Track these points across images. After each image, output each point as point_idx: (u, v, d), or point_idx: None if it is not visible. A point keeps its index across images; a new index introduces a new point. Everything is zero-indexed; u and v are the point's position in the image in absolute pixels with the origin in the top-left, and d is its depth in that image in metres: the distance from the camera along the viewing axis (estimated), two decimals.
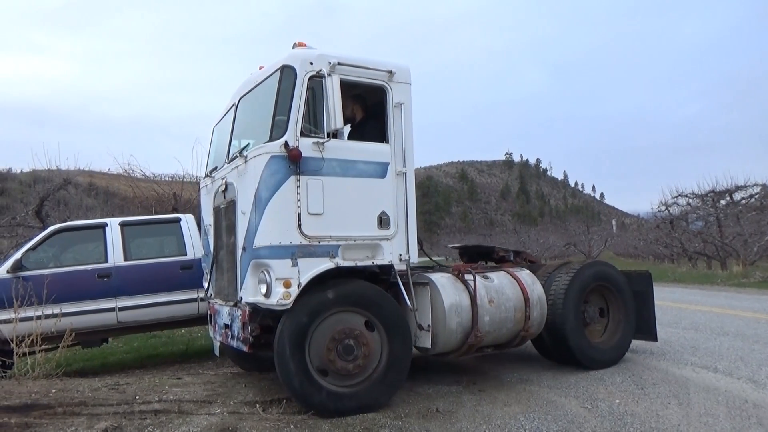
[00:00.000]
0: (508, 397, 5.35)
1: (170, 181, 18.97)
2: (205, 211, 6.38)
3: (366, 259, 5.12)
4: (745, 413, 4.58)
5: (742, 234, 23.66)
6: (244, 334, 5.07)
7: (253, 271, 4.93)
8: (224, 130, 6.17)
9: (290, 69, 4.96)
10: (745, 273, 19.90)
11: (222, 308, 5.73)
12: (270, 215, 4.76)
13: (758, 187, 27.12)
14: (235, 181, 5.28)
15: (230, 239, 5.40)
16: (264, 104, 5.26)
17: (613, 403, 5.03)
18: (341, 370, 4.92)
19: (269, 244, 4.75)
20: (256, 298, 4.89)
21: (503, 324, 5.74)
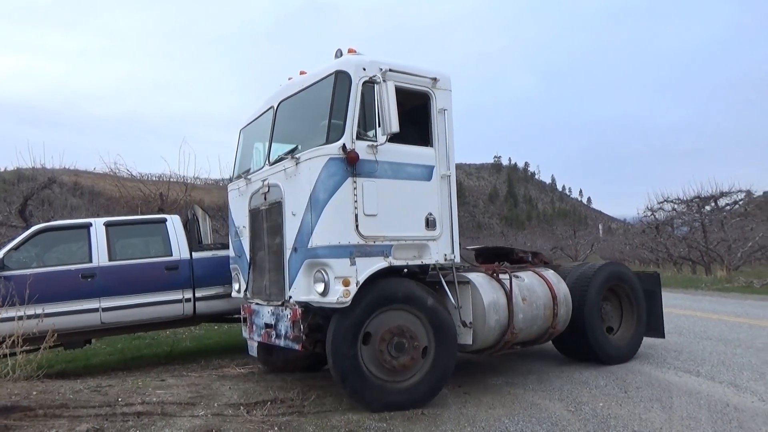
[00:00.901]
0: (493, 400, 5.36)
1: (157, 181, 18.84)
2: (236, 214, 6.46)
3: (414, 259, 5.30)
4: (726, 417, 4.63)
5: (726, 240, 23.93)
6: (295, 332, 5.21)
7: (307, 271, 5.07)
8: (257, 134, 6.38)
9: (345, 74, 5.13)
10: (729, 278, 20.13)
11: (262, 308, 5.80)
12: (328, 216, 4.91)
13: (742, 194, 27.49)
14: (281, 183, 5.43)
15: (274, 240, 5.54)
16: (313, 108, 5.51)
17: (596, 406, 5.06)
18: (392, 366, 5.09)
19: (328, 244, 4.89)
20: (310, 297, 5.05)
21: (534, 321, 6.06)
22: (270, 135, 5.94)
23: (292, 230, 5.23)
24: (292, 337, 5.26)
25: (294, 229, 5.18)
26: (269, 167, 5.74)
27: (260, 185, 5.79)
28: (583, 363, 6.81)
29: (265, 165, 5.87)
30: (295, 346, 5.25)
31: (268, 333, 5.67)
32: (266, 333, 5.72)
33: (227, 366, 7.45)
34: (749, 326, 9.46)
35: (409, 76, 5.42)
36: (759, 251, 25.76)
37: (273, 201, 5.57)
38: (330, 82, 5.19)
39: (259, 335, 5.88)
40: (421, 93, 5.54)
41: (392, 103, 4.95)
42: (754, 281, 18.15)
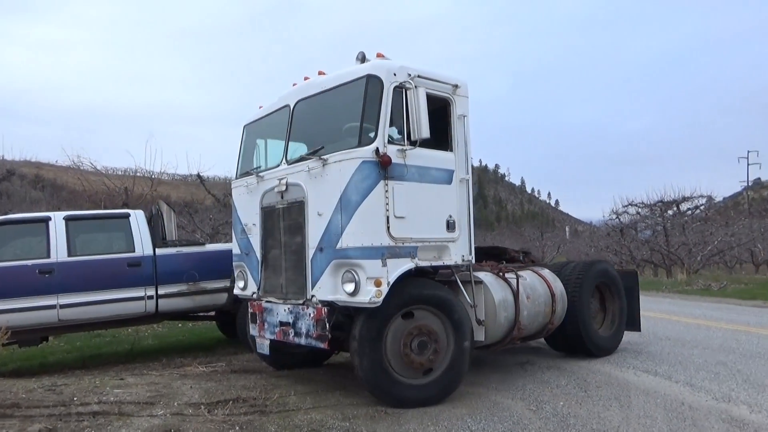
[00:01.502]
0: (456, 399, 5.38)
1: (122, 175, 18.43)
2: (243, 211, 6.41)
3: (435, 260, 5.44)
4: (681, 415, 4.74)
5: (687, 243, 24.61)
6: (319, 331, 5.24)
7: (334, 271, 5.15)
8: (266, 131, 6.46)
9: (377, 79, 5.21)
10: (689, 281, 20.70)
11: (277, 306, 5.79)
12: (360, 217, 5.01)
13: (704, 199, 28.35)
14: (303, 183, 5.47)
15: (294, 239, 5.59)
16: (338, 109, 5.65)
17: (557, 405, 5.13)
18: (414, 363, 5.23)
19: (360, 245, 4.99)
20: (336, 297, 5.12)
21: (536, 318, 6.40)
22: (287, 134, 5.95)
23: (316, 230, 5.30)
24: (316, 335, 5.28)
25: (319, 229, 5.27)
26: (287, 166, 5.78)
27: (276, 183, 5.80)
28: (545, 363, 6.92)
29: (282, 163, 5.88)
30: (320, 344, 5.27)
31: (284, 331, 5.68)
32: (281, 331, 5.72)
33: (190, 365, 7.33)
34: (706, 328, 9.73)
35: (433, 82, 5.55)
36: (717, 255, 26.56)
37: (293, 200, 5.62)
38: (361, 86, 5.28)
39: (272, 333, 5.86)
40: (442, 98, 5.66)
41: (423, 108, 5.12)
42: (712, 284, 18.71)
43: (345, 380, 6.24)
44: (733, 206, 50.26)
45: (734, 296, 15.60)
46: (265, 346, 6.02)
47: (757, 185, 77.55)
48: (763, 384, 5.65)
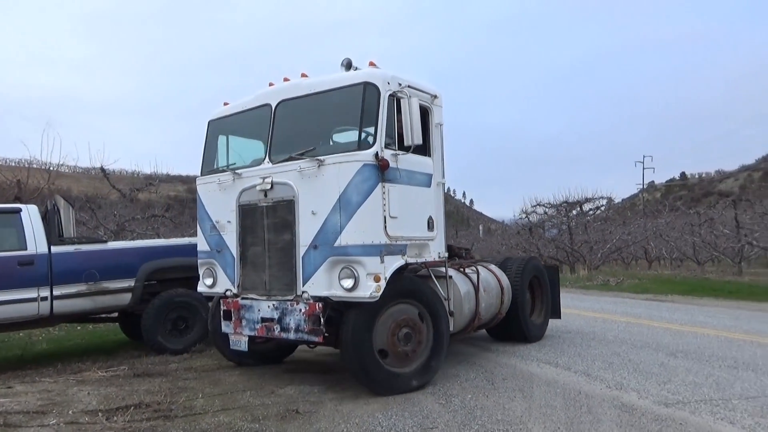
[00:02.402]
0: (369, 396, 5.42)
1: (15, 166, 17.04)
2: (214, 208, 6.38)
3: (418, 257, 5.83)
4: (578, 403, 5.03)
5: (588, 241, 26.20)
6: (312, 326, 5.39)
7: (330, 267, 5.37)
8: (238, 128, 6.56)
9: (374, 86, 5.51)
10: (590, 276, 22.04)
11: (258, 303, 5.84)
12: (361, 217, 5.28)
13: (604, 200, 30.25)
14: (293, 182, 5.60)
15: (280, 236, 5.70)
16: (328, 112, 5.92)
17: (465, 398, 5.29)
18: (400, 354, 5.62)
19: (361, 243, 5.27)
20: (332, 292, 5.36)
21: (490, 308, 7.18)
22: (269, 133, 6.01)
23: (309, 228, 5.48)
24: (308, 330, 5.42)
25: (313, 227, 5.45)
26: (272, 165, 5.87)
27: (259, 182, 5.84)
28: (455, 358, 7.12)
29: (265, 162, 5.94)
30: (313, 338, 5.45)
31: (268, 327, 5.74)
32: (264, 327, 5.77)
33: (88, 370, 6.88)
34: (603, 321, 10.40)
35: (417, 92, 5.85)
36: (615, 252, 28.46)
37: (280, 198, 5.72)
38: (358, 92, 5.53)
39: (252, 330, 5.89)
40: (423, 107, 5.91)
41: (416, 116, 5.48)
42: (610, 279, 20.03)
43: (256, 381, 6.12)
44: (629, 207, 54.10)
45: (629, 290, 16.79)
46: (243, 343, 6.03)
47: (651, 188, 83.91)
48: (650, 372, 6.11)
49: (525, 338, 7.98)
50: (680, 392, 5.26)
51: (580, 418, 4.60)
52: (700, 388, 5.37)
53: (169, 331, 7.95)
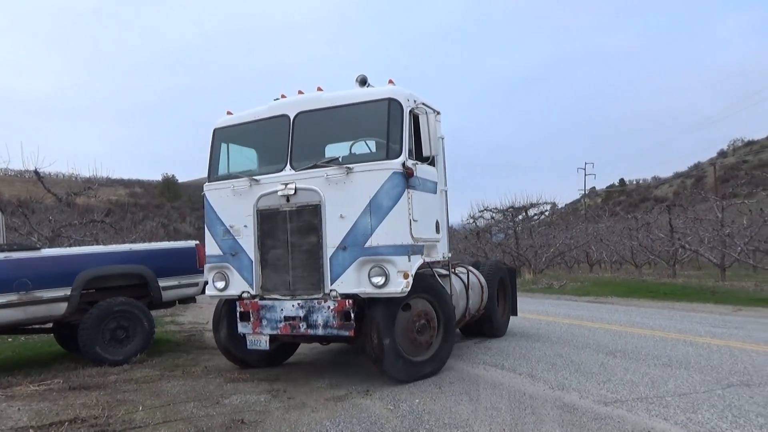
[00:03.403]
0: (316, 403, 5.37)
1: None
2: (228, 213, 6.61)
3: (429, 256, 6.36)
4: (522, 405, 5.14)
5: (533, 246, 26.88)
6: (343, 321, 5.85)
7: (359, 267, 5.85)
8: (247, 138, 6.97)
9: (397, 102, 6.10)
10: (535, 280, 22.62)
11: (281, 303, 6.17)
12: (391, 220, 5.82)
13: (548, 205, 31.11)
14: (319, 188, 6.03)
15: (305, 239, 6.11)
16: (351, 124, 6.46)
17: (413, 402, 5.31)
18: (417, 343, 6.22)
19: (392, 244, 5.81)
20: (361, 289, 5.85)
21: (475, 305, 8.09)
22: (289, 142, 6.37)
23: (337, 230, 5.94)
24: (338, 325, 5.86)
25: (342, 230, 5.92)
26: (295, 172, 6.24)
27: (279, 188, 6.18)
28: None
29: (286, 169, 6.28)
30: (344, 333, 5.89)
31: (292, 325, 6.09)
32: (288, 325, 6.12)
33: (19, 384, 6.52)
34: (547, 323, 10.69)
35: (427, 108, 6.39)
36: (559, 256, 29.31)
37: (304, 203, 6.11)
38: (383, 107, 6.10)
39: (273, 329, 6.20)
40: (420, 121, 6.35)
41: (433, 130, 6.16)
42: (554, 283, 20.62)
43: (200, 391, 5.96)
44: (572, 212, 55.90)
45: (572, 293, 17.32)
46: (263, 342, 6.32)
47: (592, 193, 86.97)
48: (591, 372, 6.31)
49: (495, 334, 8.88)
50: (618, 391, 5.46)
51: (524, 419, 4.70)
52: (636, 387, 5.59)
53: (107, 341, 7.64)
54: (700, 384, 5.62)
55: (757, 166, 69.88)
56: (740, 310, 11.76)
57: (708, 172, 74.39)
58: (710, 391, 5.33)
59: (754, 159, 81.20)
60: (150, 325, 8.01)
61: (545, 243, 27.55)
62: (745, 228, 20.29)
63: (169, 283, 8.38)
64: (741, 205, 21.74)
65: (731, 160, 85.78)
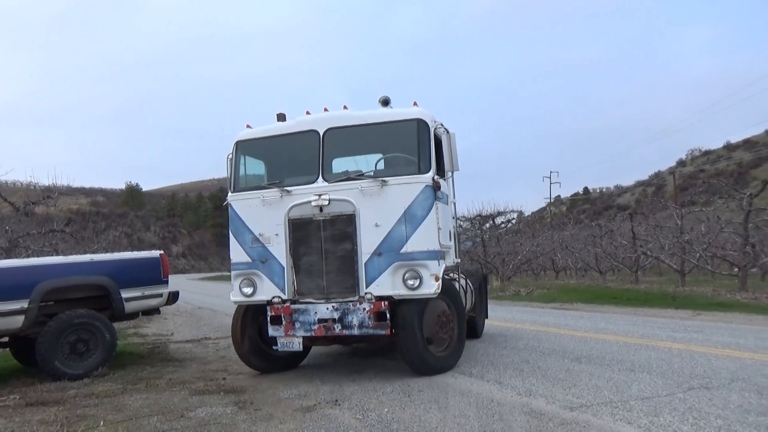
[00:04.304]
0: (284, 415, 5.30)
1: None
2: (257, 222, 6.91)
3: (446, 261, 6.95)
4: (490, 411, 5.17)
5: (501, 253, 27.18)
6: (379, 321, 6.36)
7: (394, 271, 6.43)
8: (271, 150, 7.34)
9: (425, 123, 6.76)
10: (502, 287, 22.87)
11: (315, 306, 6.57)
12: (424, 228, 6.43)
13: (515, 213, 31.53)
14: (353, 199, 6.53)
15: (340, 246, 6.58)
16: (379, 141, 7.07)
17: (382, 411, 5.29)
18: (440, 339, 6.87)
19: (426, 249, 6.43)
20: (395, 291, 6.42)
21: (468, 305, 8.53)
22: (320, 156, 6.79)
23: (372, 238, 6.49)
24: (374, 325, 6.36)
25: (376, 238, 6.47)
26: (327, 184, 6.68)
27: (312, 198, 6.60)
28: (373, 371, 7.14)
29: (318, 181, 6.70)
30: (381, 331, 6.40)
31: (327, 327, 6.50)
32: (322, 327, 6.51)
33: None
34: (515, 329, 10.81)
35: (443, 128, 7.05)
36: (526, 263, 29.71)
37: (338, 213, 6.58)
38: (412, 127, 6.73)
39: (308, 330, 6.57)
40: (439, 139, 6.96)
41: (453, 149, 6.85)
42: (521, 290, 20.90)
43: (164, 404, 5.82)
44: (538, 220, 56.83)
45: (539, 300, 17.57)
46: (296, 344, 6.66)
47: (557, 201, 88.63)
48: (557, 378, 6.40)
49: (476, 334, 9.55)
50: (584, 396, 5.54)
51: (492, 426, 4.73)
52: (601, 392, 5.69)
53: (67, 355, 7.39)
54: (662, 388, 5.75)
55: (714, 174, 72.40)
56: (699, 314, 12.10)
57: (668, 180, 76.70)
58: (672, 395, 5.46)
59: (711, 168, 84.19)
60: (112, 337, 7.80)
61: (512, 251, 27.90)
62: (703, 235, 20.97)
63: (132, 294, 8.18)
64: (699, 212, 22.48)
65: (689, 169, 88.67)
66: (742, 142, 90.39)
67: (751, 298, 14.29)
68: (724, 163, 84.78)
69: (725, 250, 20.85)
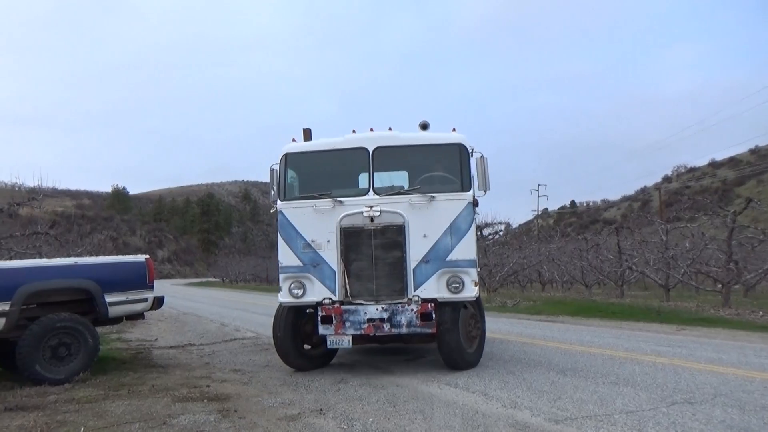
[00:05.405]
0: (268, 423, 5.25)
1: None
2: (309, 229, 7.55)
3: None
4: (475, 423, 5.16)
5: (488, 265, 27.21)
6: (426, 321, 7.15)
7: (439, 276, 7.27)
8: (320, 163, 8.03)
9: (465, 147, 7.71)
10: (489, 299, 22.87)
11: (365, 307, 7.26)
12: (467, 240, 7.34)
13: (503, 225, 31.67)
14: (403, 212, 7.32)
15: (390, 253, 7.33)
16: (424, 161, 7.90)
17: (367, 421, 5.26)
18: (471, 339, 7.76)
19: (468, 258, 7.35)
20: (440, 295, 7.25)
21: None
22: (370, 171, 7.59)
23: (420, 247, 7.30)
24: (421, 324, 7.15)
25: (424, 247, 7.29)
26: (378, 197, 7.45)
27: (364, 209, 7.32)
28: (358, 381, 7.11)
29: (370, 194, 7.47)
30: (427, 330, 7.20)
31: (376, 326, 7.19)
32: (372, 326, 7.19)
33: None
34: (501, 341, 10.81)
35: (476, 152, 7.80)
36: (513, 275, 29.80)
37: (388, 223, 7.33)
38: (455, 150, 7.69)
39: (357, 329, 7.22)
40: None
41: (487, 171, 7.68)
42: (508, 302, 20.93)
43: (146, 411, 5.74)
44: (525, 232, 57.01)
45: (525, 312, 17.61)
46: (346, 341, 7.29)
47: (545, 214, 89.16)
48: (542, 390, 6.41)
49: None
50: (568, 409, 5.56)
51: None
52: (586, 405, 5.70)
53: (48, 359, 7.27)
54: (646, 402, 5.78)
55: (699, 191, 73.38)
56: (683, 329, 12.20)
57: (654, 196, 77.51)
58: (656, 409, 5.49)
59: (696, 185, 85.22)
60: (94, 342, 7.69)
61: (499, 262, 27.97)
62: (687, 251, 21.19)
63: (117, 298, 8.08)
64: (684, 228, 22.72)
65: (675, 185, 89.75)
66: (727, 160, 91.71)
67: (735, 314, 14.42)
68: (709, 180, 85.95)
69: (709, 266, 21.08)
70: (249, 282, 57.68)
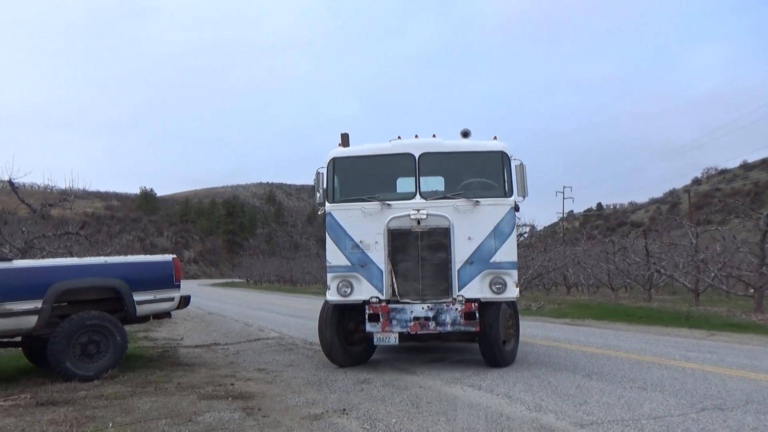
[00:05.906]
0: (292, 422, 5.28)
1: None
2: (357, 230, 7.85)
3: None
4: (499, 426, 5.12)
5: None
6: (469, 319, 7.46)
7: (483, 277, 7.60)
8: (366, 168, 8.31)
9: (506, 154, 8.02)
10: None
11: (411, 306, 7.56)
12: (509, 243, 7.70)
13: (527, 227, 31.35)
14: (449, 215, 7.64)
15: (436, 255, 7.64)
16: (467, 167, 8.18)
17: (390, 422, 5.26)
18: (509, 337, 8.06)
19: (511, 260, 7.72)
20: (483, 295, 7.58)
21: None
22: (416, 177, 7.90)
23: (464, 249, 7.61)
24: (465, 323, 7.45)
25: (469, 249, 7.61)
26: (425, 201, 7.78)
27: (411, 212, 7.63)
28: (381, 381, 7.11)
29: (416, 197, 7.80)
30: (471, 328, 7.51)
31: (422, 324, 7.49)
32: (418, 324, 7.49)
33: None
34: (525, 344, 10.67)
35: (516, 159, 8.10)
36: (537, 278, 29.49)
37: (435, 226, 7.64)
38: (497, 157, 8.00)
39: (404, 327, 7.51)
40: None
41: (526, 178, 8.00)
42: (532, 304, 20.71)
43: (172, 408, 5.83)
44: (551, 234, 56.42)
45: (550, 315, 17.40)
46: (393, 338, 7.58)
47: (570, 217, 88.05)
48: (567, 393, 6.32)
49: None
50: (594, 413, 5.47)
51: None
52: (612, 409, 5.61)
53: (78, 356, 7.44)
54: (674, 407, 5.66)
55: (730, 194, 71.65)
56: (714, 334, 11.92)
57: (683, 198, 75.97)
58: (684, 415, 5.37)
59: (727, 187, 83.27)
60: (123, 340, 7.84)
61: (524, 264, 27.62)
62: (718, 254, 20.68)
63: (144, 297, 8.23)
64: (714, 231, 22.21)
65: (705, 187, 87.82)
66: (759, 162, 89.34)
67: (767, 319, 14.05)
68: (741, 183, 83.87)
69: (741, 270, 20.55)
70: (273, 283, 58.18)
